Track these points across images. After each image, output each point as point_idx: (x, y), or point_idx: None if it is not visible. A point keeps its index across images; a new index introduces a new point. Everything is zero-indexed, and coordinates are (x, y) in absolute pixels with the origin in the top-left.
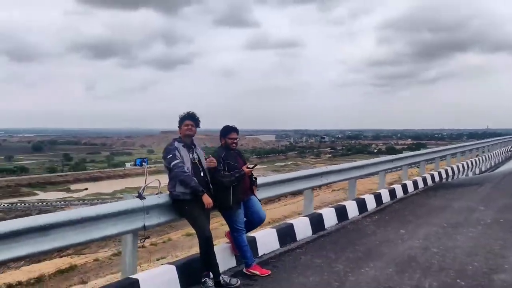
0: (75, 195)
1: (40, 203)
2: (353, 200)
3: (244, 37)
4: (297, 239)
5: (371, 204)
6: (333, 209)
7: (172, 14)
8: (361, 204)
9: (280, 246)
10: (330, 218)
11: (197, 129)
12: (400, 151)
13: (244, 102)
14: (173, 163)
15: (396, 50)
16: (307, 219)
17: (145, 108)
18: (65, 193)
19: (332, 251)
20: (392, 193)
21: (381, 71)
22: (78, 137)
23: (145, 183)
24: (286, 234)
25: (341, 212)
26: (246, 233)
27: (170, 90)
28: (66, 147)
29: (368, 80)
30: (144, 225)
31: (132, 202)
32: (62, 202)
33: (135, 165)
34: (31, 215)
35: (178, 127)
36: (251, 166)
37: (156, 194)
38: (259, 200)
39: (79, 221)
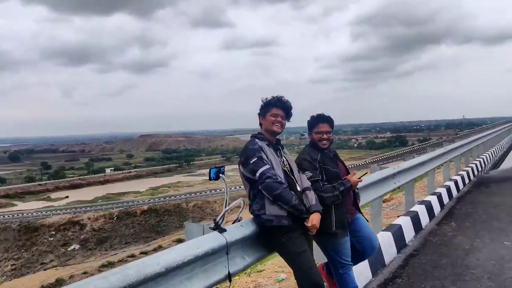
0: (55, 203)
1: (20, 214)
2: (420, 204)
3: (219, 38)
4: (385, 262)
5: (436, 207)
6: (408, 217)
7: (146, 18)
8: (429, 208)
9: (373, 276)
10: (408, 229)
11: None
12: (381, 145)
13: (222, 102)
14: (260, 170)
15: (371, 45)
16: (389, 235)
17: (123, 113)
18: (45, 202)
19: (437, 279)
20: (449, 192)
21: (357, 66)
22: (56, 145)
23: (226, 205)
24: (375, 259)
25: (416, 221)
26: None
27: (147, 93)
28: (44, 156)
29: (345, 75)
30: (228, 272)
31: (210, 239)
32: (44, 212)
33: (210, 178)
34: (12, 227)
35: (261, 116)
36: (359, 174)
37: (234, 222)
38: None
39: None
